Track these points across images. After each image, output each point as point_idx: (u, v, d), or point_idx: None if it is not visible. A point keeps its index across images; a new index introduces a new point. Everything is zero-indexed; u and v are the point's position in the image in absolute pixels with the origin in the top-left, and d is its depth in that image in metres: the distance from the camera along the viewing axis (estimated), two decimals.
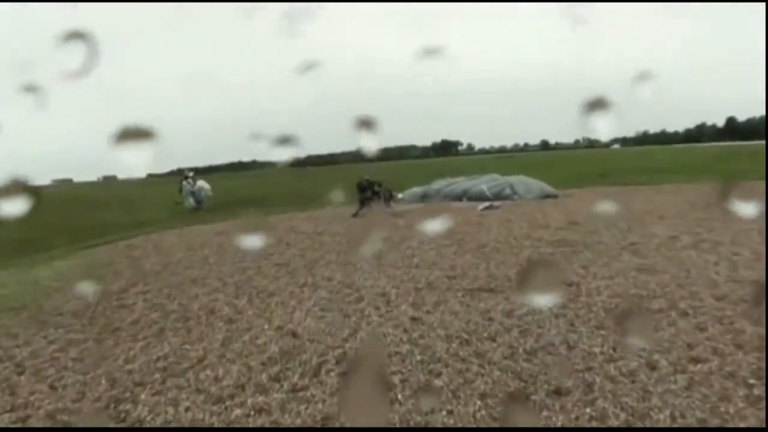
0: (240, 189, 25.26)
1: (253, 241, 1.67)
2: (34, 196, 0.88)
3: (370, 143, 1.15)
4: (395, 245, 8.78)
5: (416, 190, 18.14)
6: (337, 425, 3.32)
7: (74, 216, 17.14)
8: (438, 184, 17.98)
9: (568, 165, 33.11)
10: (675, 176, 19.14)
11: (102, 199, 23.90)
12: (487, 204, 13.61)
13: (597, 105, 1.03)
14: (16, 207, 0.88)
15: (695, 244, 7.43)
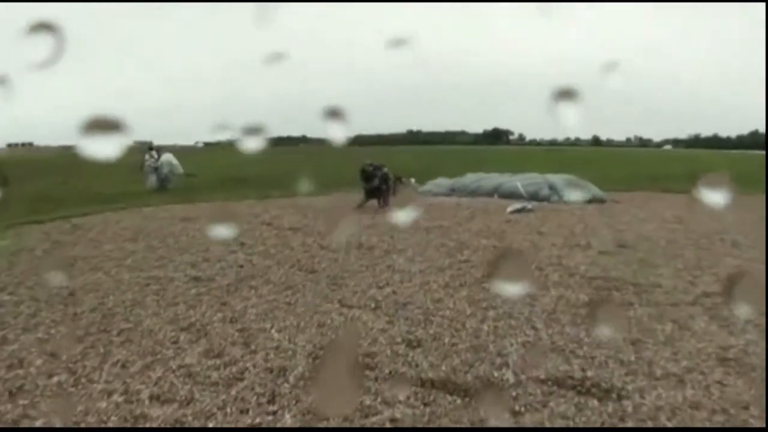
0: (251, 165, 23.32)
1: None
2: None
3: (338, 132, 1.17)
4: (370, 258, 6.58)
5: (444, 181, 15.74)
6: None
7: (50, 185, 15.77)
8: (469, 178, 15.52)
9: (617, 164, 29.64)
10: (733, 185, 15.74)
11: (84, 166, 22.47)
12: (518, 206, 11.12)
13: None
14: None
15: None
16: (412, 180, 12.18)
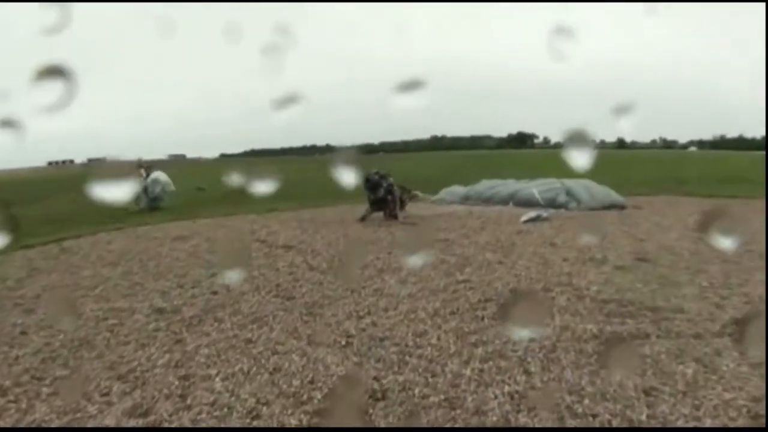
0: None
1: None
2: None
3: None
4: (360, 279, 5.93)
5: (457, 189, 14.99)
6: None
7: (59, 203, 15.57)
8: (484, 185, 14.73)
9: (641, 167, 28.26)
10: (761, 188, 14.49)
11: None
12: (533, 214, 10.32)
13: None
14: None
15: None
16: (419, 193, 11.46)
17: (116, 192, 1.16)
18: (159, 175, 14.18)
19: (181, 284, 6.10)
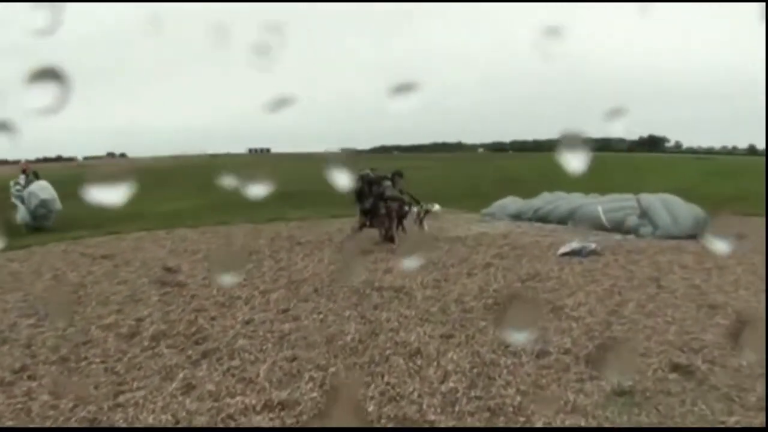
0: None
1: None
2: None
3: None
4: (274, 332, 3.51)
5: (513, 201, 11.83)
6: None
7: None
8: (542, 198, 11.48)
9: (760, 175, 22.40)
10: None
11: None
12: (576, 245, 7.11)
13: None
14: None
15: None
16: (437, 206, 8.66)
17: None
18: (43, 185, 10.61)
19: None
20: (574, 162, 1.39)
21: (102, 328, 4.52)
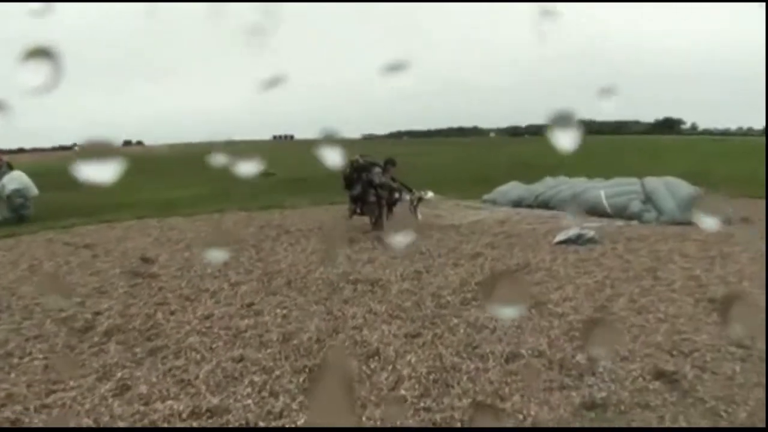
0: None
1: None
2: None
3: None
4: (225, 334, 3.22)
5: (515, 187, 11.36)
6: None
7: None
8: (545, 184, 11.00)
9: None
10: None
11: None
12: (572, 233, 6.69)
13: None
14: None
15: None
16: (430, 193, 8.29)
17: None
18: (17, 175, 10.29)
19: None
20: (564, 142, 1.08)
21: (57, 321, 4.27)
